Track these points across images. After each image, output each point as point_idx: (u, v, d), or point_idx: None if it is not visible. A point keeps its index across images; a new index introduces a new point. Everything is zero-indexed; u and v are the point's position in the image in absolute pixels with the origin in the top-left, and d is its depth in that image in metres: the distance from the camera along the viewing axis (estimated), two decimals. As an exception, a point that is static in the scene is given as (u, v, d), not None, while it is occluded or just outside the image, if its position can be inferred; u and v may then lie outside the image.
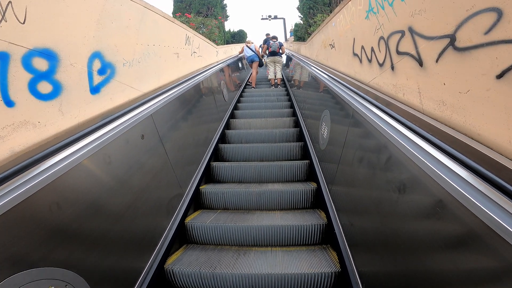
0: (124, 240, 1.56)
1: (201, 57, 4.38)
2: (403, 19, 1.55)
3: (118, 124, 1.64)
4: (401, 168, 1.21)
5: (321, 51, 4.22)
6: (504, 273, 0.70)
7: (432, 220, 0.98)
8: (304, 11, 10.57)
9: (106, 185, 1.47)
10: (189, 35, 3.65)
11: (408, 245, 1.12)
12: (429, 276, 0.97)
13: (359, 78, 2.36)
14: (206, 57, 4.83)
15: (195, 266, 1.95)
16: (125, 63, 2.01)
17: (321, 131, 2.78)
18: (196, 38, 4.06)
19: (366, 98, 1.81)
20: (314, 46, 5.02)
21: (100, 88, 1.76)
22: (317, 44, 4.59)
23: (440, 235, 0.93)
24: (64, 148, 1.28)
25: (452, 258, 0.88)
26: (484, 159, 0.94)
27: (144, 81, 2.30)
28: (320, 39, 4.32)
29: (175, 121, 2.50)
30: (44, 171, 1.12)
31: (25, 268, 0.97)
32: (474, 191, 0.83)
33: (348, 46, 2.64)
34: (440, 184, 0.93)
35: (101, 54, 1.75)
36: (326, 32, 3.72)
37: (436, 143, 1.09)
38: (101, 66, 1.76)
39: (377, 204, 1.42)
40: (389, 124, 1.40)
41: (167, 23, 2.88)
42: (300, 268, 1.90)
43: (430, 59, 1.31)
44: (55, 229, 1.12)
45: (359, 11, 2.25)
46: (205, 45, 4.81)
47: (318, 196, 2.67)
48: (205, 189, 2.81)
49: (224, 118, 4.46)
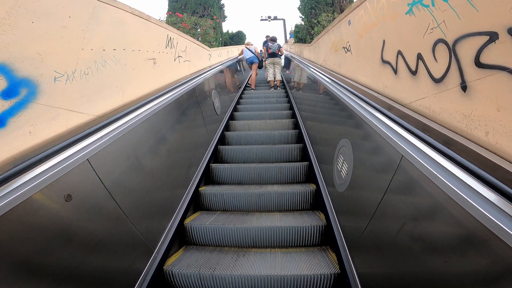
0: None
1: (188, 62, 3.66)
2: (494, 16, 0.92)
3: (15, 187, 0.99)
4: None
5: (331, 55, 3.46)
6: None
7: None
8: (306, 11, 9.96)
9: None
10: (172, 36, 3.01)
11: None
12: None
13: (392, 96, 1.73)
14: (196, 61, 4.08)
15: (194, 267, 1.95)
16: (60, 77, 1.38)
17: (337, 166, 2.14)
18: (182, 40, 3.40)
19: (427, 140, 1.13)
20: (320, 49, 4.24)
21: (7, 118, 1.13)
22: (325, 47, 3.83)
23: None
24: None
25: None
26: None
27: (97, 99, 1.67)
28: (328, 41, 3.56)
29: (141, 153, 1.86)
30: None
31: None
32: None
33: (373, 50, 2.01)
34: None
35: (6, 67, 1.12)
36: (338, 33, 3.02)
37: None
38: (8, 85, 1.13)
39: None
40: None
41: (139, 22, 2.25)
42: (299, 269, 1.89)
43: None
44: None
45: (395, 4, 1.62)
46: (194, 48, 4.06)
47: (317, 197, 2.67)
48: (204, 191, 2.80)
49: (214, 139, 3.73)
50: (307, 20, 9.74)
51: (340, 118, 2.28)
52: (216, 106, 4.09)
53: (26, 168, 1.07)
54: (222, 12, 12.82)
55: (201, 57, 4.48)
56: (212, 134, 3.67)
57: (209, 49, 5.17)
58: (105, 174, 1.42)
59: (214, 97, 4.07)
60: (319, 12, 9.05)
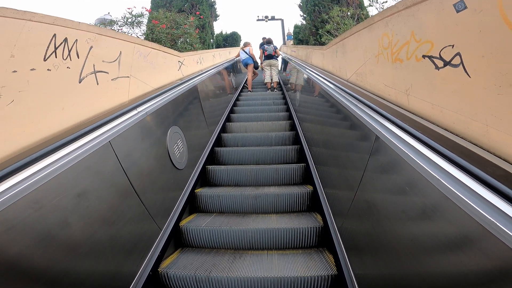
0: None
1: (128, 80, 2.10)
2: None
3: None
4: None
5: (378, 67, 1.82)
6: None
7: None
8: (308, 9, 8.68)
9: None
10: (73, 36, 1.54)
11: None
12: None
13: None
14: (149, 76, 2.48)
15: (190, 269, 1.93)
16: None
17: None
18: (109, 42, 1.89)
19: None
20: (347, 56, 2.55)
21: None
22: (360, 52, 2.14)
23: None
24: None
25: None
26: None
27: None
28: (371, 42, 1.92)
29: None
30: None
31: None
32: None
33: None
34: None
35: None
36: (407, 27, 1.42)
37: None
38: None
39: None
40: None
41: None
42: (296, 271, 1.88)
43: None
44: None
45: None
46: (144, 54, 2.41)
47: (314, 199, 2.63)
48: (200, 192, 2.76)
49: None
50: (310, 19, 8.62)
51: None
52: (176, 159, 2.48)
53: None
54: (213, 10, 11.22)
55: (162, 68, 2.85)
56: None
57: (180, 54, 3.51)
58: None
59: (173, 152, 2.44)
60: (324, 9, 8.01)
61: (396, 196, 1.21)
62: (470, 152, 0.95)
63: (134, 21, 4.97)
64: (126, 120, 1.81)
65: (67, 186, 1.24)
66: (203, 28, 9.65)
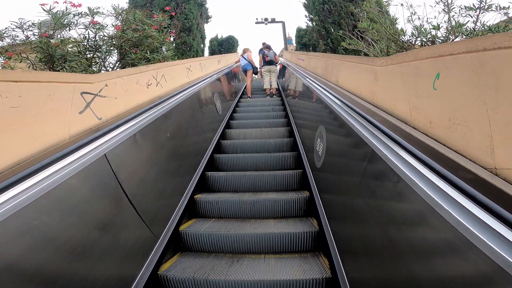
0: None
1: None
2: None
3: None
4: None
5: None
6: None
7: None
8: (316, 8, 7.67)
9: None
10: None
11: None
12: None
13: None
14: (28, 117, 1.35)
15: (189, 272, 1.98)
16: None
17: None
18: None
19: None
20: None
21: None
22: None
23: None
24: None
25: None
26: None
27: None
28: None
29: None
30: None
31: None
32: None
33: None
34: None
35: None
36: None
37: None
38: None
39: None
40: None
41: None
42: (292, 274, 1.93)
43: None
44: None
45: None
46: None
47: (311, 204, 2.70)
48: (199, 198, 2.83)
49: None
50: (319, 19, 7.56)
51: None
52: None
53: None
54: (203, 10, 9.40)
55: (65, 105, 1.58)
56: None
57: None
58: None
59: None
60: (334, 8, 6.86)
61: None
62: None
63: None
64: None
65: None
66: (189, 31, 8.26)
